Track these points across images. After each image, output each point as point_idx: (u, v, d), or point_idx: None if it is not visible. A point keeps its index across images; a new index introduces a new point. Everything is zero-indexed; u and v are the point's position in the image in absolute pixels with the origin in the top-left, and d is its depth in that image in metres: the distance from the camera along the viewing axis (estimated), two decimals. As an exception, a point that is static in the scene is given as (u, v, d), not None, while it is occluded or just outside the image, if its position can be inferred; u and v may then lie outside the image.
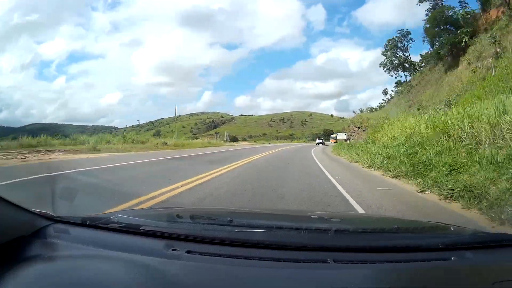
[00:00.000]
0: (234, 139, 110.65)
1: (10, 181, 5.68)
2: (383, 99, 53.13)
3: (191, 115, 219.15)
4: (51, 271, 1.04)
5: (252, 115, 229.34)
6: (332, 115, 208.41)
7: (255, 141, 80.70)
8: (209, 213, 2.12)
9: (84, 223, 1.38)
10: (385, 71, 44.01)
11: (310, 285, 1.00)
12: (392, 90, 48.95)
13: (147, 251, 1.16)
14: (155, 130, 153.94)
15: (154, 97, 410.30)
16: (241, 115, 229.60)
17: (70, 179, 6.53)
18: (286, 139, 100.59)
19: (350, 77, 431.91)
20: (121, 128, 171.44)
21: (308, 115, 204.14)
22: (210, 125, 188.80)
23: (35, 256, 1.09)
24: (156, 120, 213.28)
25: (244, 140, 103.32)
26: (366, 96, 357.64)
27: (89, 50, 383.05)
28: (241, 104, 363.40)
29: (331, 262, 1.12)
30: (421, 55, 41.72)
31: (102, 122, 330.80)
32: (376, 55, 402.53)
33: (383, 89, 50.33)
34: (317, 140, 66.32)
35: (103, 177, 7.22)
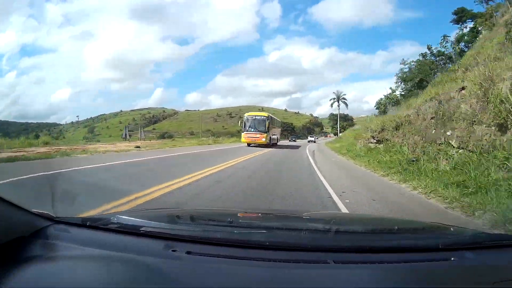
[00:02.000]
0: (165, 136, 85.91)
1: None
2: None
3: (132, 110, 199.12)
4: (51, 272, 1.04)
5: (199, 110, 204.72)
6: (286, 110, 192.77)
7: (173, 141, 54.59)
8: (209, 214, 2.12)
9: (84, 224, 1.36)
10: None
11: (310, 286, 1.00)
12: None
13: (147, 251, 1.16)
14: (90, 127, 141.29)
15: (105, 93, 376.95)
16: (187, 110, 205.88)
17: None
18: (224, 136, 73.80)
19: (303, 75, 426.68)
20: (61, 125, 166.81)
21: (259, 109, 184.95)
22: (150, 120, 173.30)
23: (35, 257, 1.09)
24: (97, 116, 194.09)
25: (171, 138, 76.91)
26: (319, 94, 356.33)
27: (41, 44, 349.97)
28: (192, 101, 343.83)
29: (331, 262, 1.11)
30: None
31: (53, 119, 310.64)
32: (330, 53, 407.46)
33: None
34: (309, 138, 52.93)
35: None
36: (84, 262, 1.11)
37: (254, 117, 25.73)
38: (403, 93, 25.87)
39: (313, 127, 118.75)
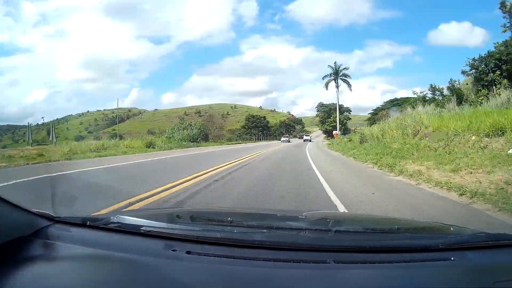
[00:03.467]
0: (116, 136, 64.97)
1: None
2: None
3: (98, 110, 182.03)
4: (51, 272, 1.04)
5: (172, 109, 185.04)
6: (261, 107, 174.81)
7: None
8: (209, 213, 2.10)
9: (84, 223, 1.36)
10: None
11: (310, 286, 1.00)
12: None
13: (146, 251, 1.16)
14: (47, 129, 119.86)
15: (81, 94, 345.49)
16: (156, 109, 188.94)
17: None
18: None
19: (279, 75, 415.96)
20: (24, 127, 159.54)
21: (231, 107, 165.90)
22: (113, 121, 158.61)
23: (35, 256, 1.09)
24: (63, 117, 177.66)
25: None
26: (296, 94, 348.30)
27: (17, 43, 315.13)
28: (168, 101, 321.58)
29: (331, 262, 1.10)
30: None
31: (30, 121, 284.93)
32: (306, 53, 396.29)
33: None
34: (304, 137, 52.60)
35: None
36: (84, 262, 1.10)
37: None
38: None
39: (293, 125, 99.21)
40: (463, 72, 17.43)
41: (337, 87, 44.06)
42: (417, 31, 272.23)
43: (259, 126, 70.42)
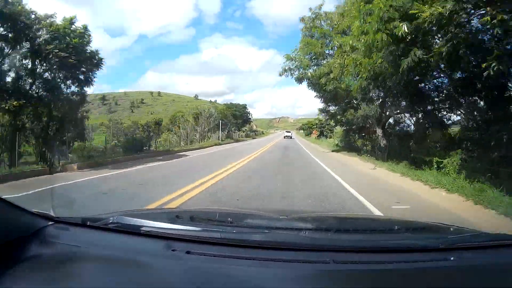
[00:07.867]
0: None
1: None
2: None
3: None
4: (51, 272, 1.04)
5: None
6: (196, 97, 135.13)
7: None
8: (209, 213, 2.08)
9: (84, 224, 1.35)
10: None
11: (310, 286, 1.00)
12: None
13: (146, 251, 1.16)
14: None
15: None
16: None
17: None
18: None
19: (238, 77, 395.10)
20: None
21: (151, 93, 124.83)
22: None
23: (35, 256, 1.08)
24: None
25: None
26: (253, 97, 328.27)
27: None
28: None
29: (331, 262, 1.10)
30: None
31: None
32: (268, 55, 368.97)
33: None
34: (285, 133, 55.25)
35: None
36: (84, 262, 1.10)
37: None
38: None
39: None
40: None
41: None
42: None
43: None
